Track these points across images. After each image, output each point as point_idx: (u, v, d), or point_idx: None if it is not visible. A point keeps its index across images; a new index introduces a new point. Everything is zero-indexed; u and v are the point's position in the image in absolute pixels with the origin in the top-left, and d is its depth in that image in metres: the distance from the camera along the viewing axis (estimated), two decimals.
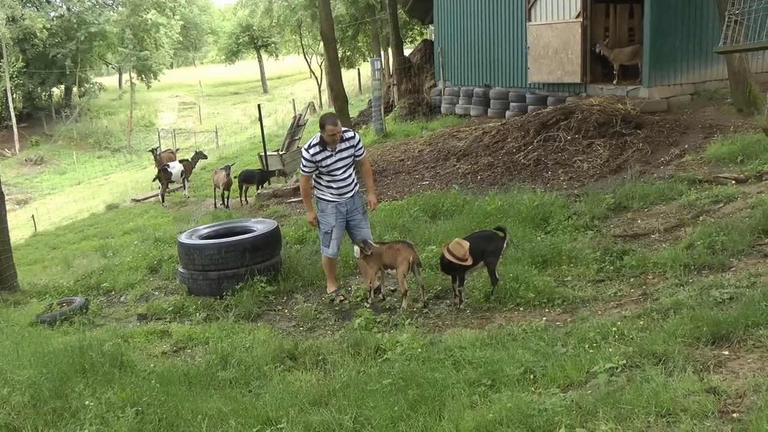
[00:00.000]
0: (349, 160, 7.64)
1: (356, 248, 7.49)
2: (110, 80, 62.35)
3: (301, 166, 7.55)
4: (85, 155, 43.12)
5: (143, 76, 53.60)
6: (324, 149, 7.43)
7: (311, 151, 7.41)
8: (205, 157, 21.18)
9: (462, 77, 20.33)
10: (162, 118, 53.30)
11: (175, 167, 19.09)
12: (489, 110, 18.84)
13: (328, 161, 7.46)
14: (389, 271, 7.44)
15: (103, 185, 32.94)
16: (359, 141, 7.70)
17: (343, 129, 7.51)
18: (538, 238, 8.71)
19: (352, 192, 7.75)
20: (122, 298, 8.93)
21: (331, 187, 7.59)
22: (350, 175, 7.70)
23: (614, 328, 5.29)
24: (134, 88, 52.90)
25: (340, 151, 7.52)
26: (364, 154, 7.84)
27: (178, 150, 25.44)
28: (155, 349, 6.63)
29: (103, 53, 56.07)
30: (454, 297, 7.17)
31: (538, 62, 16.70)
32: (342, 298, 7.77)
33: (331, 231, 7.70)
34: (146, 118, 52.39)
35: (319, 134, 7.45)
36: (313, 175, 7.59)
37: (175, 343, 6.81)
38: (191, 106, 55.93)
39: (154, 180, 19.91)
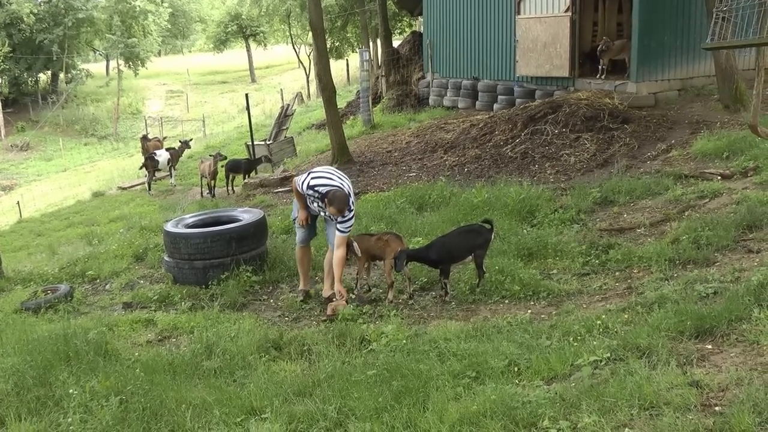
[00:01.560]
0: (331, 221, 7.28)
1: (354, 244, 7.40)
2: (97, 67, 61.73)
3: (299, 180, 7.22)
4: (71, 142, 42.70)
5: (131, 63, 53.09)
6: (321, 200, 7.07)
7: (308, 192, 7.10)
8: (189, 146, 20.97)
9: (450, 69, 20.31)
10: (149, 105, 52.89)
11: (162, 155, 19.00)
12: (477, 103, 18.83)
13: (315, 208, 7.31)
14: (377, 262, 7.43)
15: (89, 172, 32.68)
16: (350, 218, 7.03)
17: (347, 211, 6.96)
18: (525, 231, 8.73)
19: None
20: (107, 287, 8.87)
21: (306, 207, 7.46)
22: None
23: (599, 322, 5.31)
24: (121, 76, 52.41)
25: (330, 216, 7.17)
26: (347, 233, 7.05)
27: (165, 138, 25.26)
28: (140, 338, 6.60)
29: (91, 40, 55.51)
30: (441, 289, 7.18)
31: (526, 56, 16.70)
32: (302, 298, 7.55)
33: (294, 220, 7.66)
34: (133, 106, 51.94)
35: (325, 191, 6.97)
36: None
37: (160, 332, 6.78)
38: (178, 95, 55.51)
39: (140, 168, 19.81)
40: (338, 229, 7.01)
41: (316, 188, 7.10)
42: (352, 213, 7.06)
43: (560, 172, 11.75)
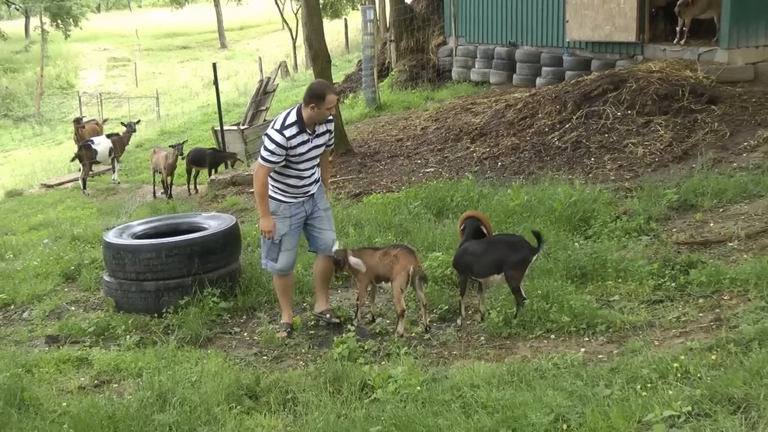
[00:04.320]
0: (322, 150, 7.47)
1: (352, 258, 7.41)
2: (13, 26, 61.88)
3: (265, 153, 7.17)
4: None
5: (59, 21, 53.19)
6: (302, 132, 7.19)
7: (287, 132, 7.11)
8: (134, 130, 20.89)
9: (480, 33, 20.33)
10: (85, 77, 53.01)
11: (102, 143, 18.99)
12: (514, 76, 18.82)
13: (302, 149, 7.23)
14: (383, 284, 7.41)
15: (2, 165, 32.73)
16: (332, 128, 7.62)
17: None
18: (576, 244, 8.71)
19: (315, 189, 7.60)
20: (25, 315, 8.86)
21: (291, 186, 7.37)
22: (316, 170, 7.54)
23: (676, 364, 5.28)
24: (46, 38, 52.57)
25: (318, 135, 7.34)
26: (333, 143, 7.81)
27: (105, 121, 25.30)
28: (70, 383, 6.57)
29: None
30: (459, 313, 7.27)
31: (580, 14, 16.70)
32: (285, 335, 7.54)
33: (280, 241, 7.49)
34: (63, 78, 52.02)
35: (295, 111, 7.23)
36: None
37: (97, 374, 6.76)
38: (124, 64, 55.67)
39: (72, 160, 19.79)
40: (331, 144, 7.66)
41: (285, 126, 7.15)
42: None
43: (624, 168, 11.73)
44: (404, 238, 9.40)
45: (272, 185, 7.42)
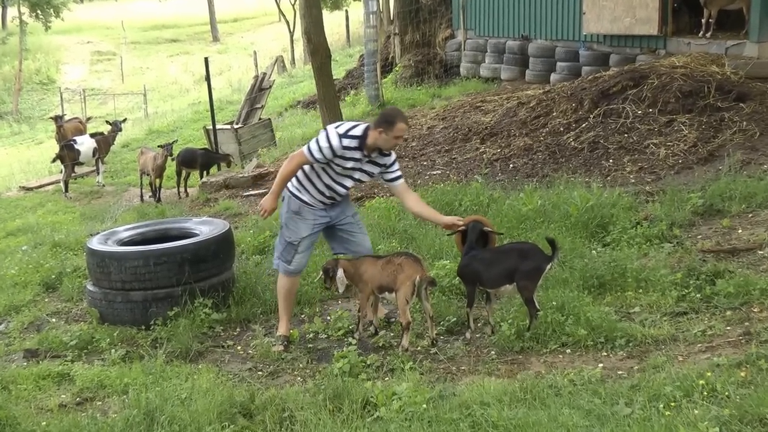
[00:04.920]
0: (368, 178, 7.59)
1: (339, 273, 7.41)
2: None
3: (314, 146, 7.20)
4: None
5: (39, 12, 53.19)
6: (359, 149, 7.22)
7: (345, 141, 7.15)
8: (120, 129, 20.89)
9: (491, 25, 20.35)
10: (66, 72, 53.06)
11: (85, 143, 19.03)
12: (527, 72, 18.83)
13: (349, 164, 7.29)
14: (386, 295, 7.40)
15: None
16: (394, 161, 7.62)
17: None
18: (594, 252, 8.71)
19: (340, 198, 7.65)
20: (2, 327, 8.86)
21: (318, 190, 7.43)
22: (348, 191, 7.66)
23: (702, 382, 5.27)
24: (25, 30, 52.57)
25: (372, 162, 7.38)
26: (402, 178, 7.68)
27: (89, 119, 25.35)
28: (50, 401, 6.55)
29: None
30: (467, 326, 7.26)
31: (598, 5, 16.71)
32: (281, 348, 7.54)
33: (299, 243, 7.55)
34: (43, 73, 52.06)
35: (364, 127, 7.24)
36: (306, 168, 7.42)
37: (79, 391, 6.75)
38: (109, 58, 55.78)
39: (53, 160, 19.84)
40: (396, 177, 7.59)
41: (347, 134, 7.18)
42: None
43: (645, 170, 11.72)
44: (409, 245, 9.39)
45: (301, 183, 7.48)
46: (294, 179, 7.48)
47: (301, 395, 6.15)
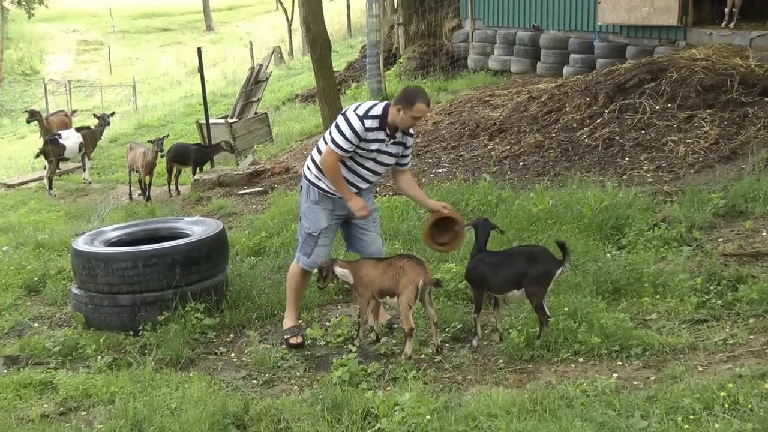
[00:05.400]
0: (389, 160, 7.58)
1: (338, 269, 7.43)
2: None
3: (338, 137, 7.27)
4: None
5: None
6: (381, 129, 7.31)
7: (368, 122, 7.23)
8: (108, 123, 20.89)
9: (500, 15, 20.35)
10: (51, 63, 53.08)
11: (70, 138, 19.02)
12: (539, 65, 18.83)
13: (374, 146, 7.36)
14: (388, 299, 7.40)
15: None
16: (411, 144, 7.79)
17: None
18: (608, 255, 8.70)
19: (363, 187, 7.72)
20: None
21: (344, 179, 7.50)
22: (374, 179, 7.74)
23: (723, 393, 5.27)
24: (7, 17, 52.65)
25: (396, 143, 7.46)
26: (410, 163, 7.96)
27: (75, 112, 25.35)
28: (31, 411, 6.55)
29: None
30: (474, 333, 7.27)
31: None
32: (300, 340, 7.67)
33: (319, 234, 7.66)
34: (26, 63, 52.09)
35: (382, 106, 7.35)
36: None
37: (63, 401, 6.75)
38: (96, 47, 55.81)
39: (37, 156, 19.87)
40: (408, 161, 7.82)
41: (367, 115, 7.27)
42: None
43: (663, 168, 11.71)
44: (413, 247, 9.38)
45: (321, 171, 7.53)
46: (313, 167, 7.60)
47: (297, 405, 6.16)
